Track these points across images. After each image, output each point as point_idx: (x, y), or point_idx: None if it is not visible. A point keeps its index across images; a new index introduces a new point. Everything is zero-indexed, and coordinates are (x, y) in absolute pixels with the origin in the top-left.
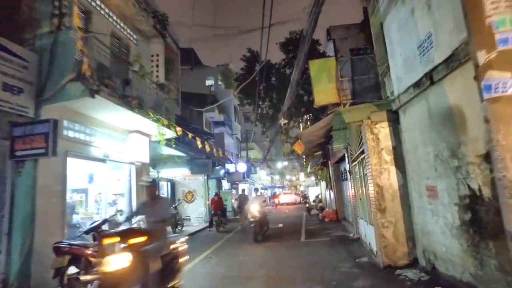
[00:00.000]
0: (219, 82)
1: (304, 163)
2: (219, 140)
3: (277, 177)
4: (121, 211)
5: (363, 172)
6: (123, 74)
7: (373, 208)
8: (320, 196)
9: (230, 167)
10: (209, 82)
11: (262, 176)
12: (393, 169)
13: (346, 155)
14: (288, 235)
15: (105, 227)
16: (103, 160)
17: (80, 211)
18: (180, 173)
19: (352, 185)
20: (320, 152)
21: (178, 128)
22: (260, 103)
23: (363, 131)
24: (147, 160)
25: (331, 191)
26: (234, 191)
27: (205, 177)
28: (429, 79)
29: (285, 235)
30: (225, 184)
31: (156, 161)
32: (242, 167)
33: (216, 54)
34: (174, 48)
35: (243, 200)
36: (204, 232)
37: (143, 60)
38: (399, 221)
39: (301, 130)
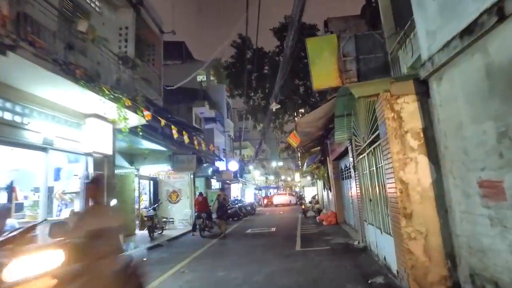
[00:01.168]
0: (211, 78)
1: (300, 162)
2: (208, 136)
3: (271, 177)
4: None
5: (375, 165)
6: (72, 41)
7: (393, 213)
8: (316, 197)
9: (221, 165)
10: (201, 77)
11: (256, 176)
12: (422, 159)
13: (349, 148)
14: (281, 241)
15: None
16: (43, 149)
17: (27, 214)
18: (162, 170)
19: (357, 183)
20: (318, 148)
21: (147, 113)
22: (252, 94)
23: (380, 110)
24: (109, 151)
25: (329, 191)
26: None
27: (191, 175)
28: (497, 14)
29: (278, 241)
30: (216, 184)
31: (134, 156)
32: (233, 165)
33: (208, 49)
34: (156, 31)
35: (222, 202)
36: (187, 236)
37: (104, 34)
38: (432, 231)
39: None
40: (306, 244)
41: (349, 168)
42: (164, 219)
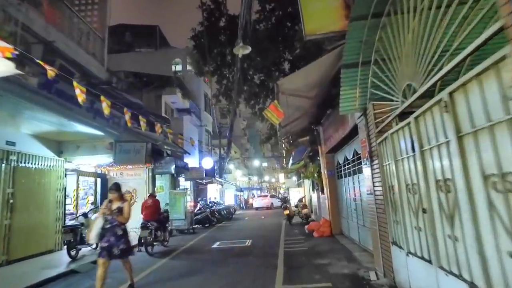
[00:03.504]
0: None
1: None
2: (177, 127)
3: (255, 178)
4: None
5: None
6: None
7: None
8: (304, 200)
9: (192, 161)
10: (177, 67)
11: (238, 176)
12: None
13: (361, 125)
14: (255, 268)
15: None
16: None
17: None
18: (102, 162)
19: (377, 179)
20: (307, 138)
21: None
22: (226, 72)
23: None
24: None
25: (320, 193)
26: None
27: (149, 172)
28: None
29: (250, 268)
30: (186, 184)
31: (63, 144)
32: (207, 162)
33: (186, 35)
34: None
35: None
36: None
37: None
38: None
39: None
40: (293, 275)
41: (350, 162)
42: None
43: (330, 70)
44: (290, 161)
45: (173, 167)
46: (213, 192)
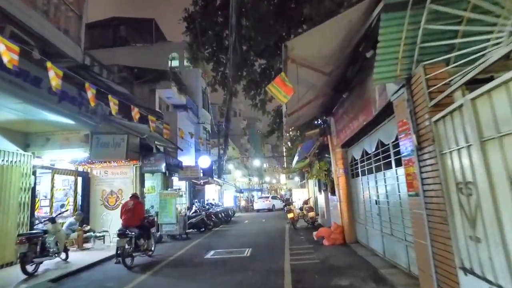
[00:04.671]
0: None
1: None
2: (170, 122)
3: (255, 179)
4: None
5: None
6: None
7: None
8: (310, 202)
9: (187, 160)
10: (174, 62)
11: (237, 177)
12: None
13: (405, 94)
14: None
15: None
16: None
17: None
18: (77, 158)
19: (427, 173)
20: (317, 131)
21: None
22: (223, 58)
23: None
24: None
25: (329, 194)
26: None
27: (136, 170)
28: None
29: None
30: (180, 184)
31: (29, 136)
32: (204, 161)
33: (183, 29)
34: None
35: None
36: (107, 265)
37: None
38: None
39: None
40: None
41: (371, 156)
42: (89, 233)
43: (353, 35)
44: (295, 159)
45: (163, 165)
46: (211, 193)
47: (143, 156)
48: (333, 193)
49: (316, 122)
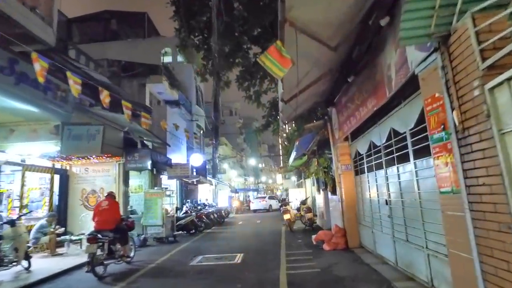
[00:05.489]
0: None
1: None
2: (159, 116)
3: (251, 178)
4: None
5: None
6: None
7: None
8: (307, 202)
9: (179, 158)
10: (167, 58)
11: (233, 176)
12: None
13: (438, 60)
14: None
15: None
16: None
17: None
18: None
19: (474, 162)
20: (320, 122)
21: None
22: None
23: None
24: None
25: (329, 193)
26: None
27: (119, 168)
28: None
29: None
30: (171, 183)
31: None
32: (196, 159)
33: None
34: None
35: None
36: (77, 274)
37: None
38: None
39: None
40: None
41: (381, 148)
42: (64, 236)
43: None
44: (292, 155)
45: (149, 161)
46: (205, 193)
47: (127, 152)
48: (333, 192)
49: (315, 115)
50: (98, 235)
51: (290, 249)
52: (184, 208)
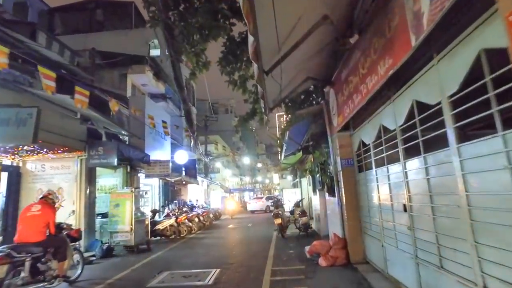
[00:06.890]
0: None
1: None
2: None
3: (247, 178)
4: None
5: None
6: None
7: None
8: (302, 204)
9: (160, 154)
10: (155, 52)
11: (227, 176)
12: None
13: None
14: None
15: None
16: None
17: None
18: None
19: None
20: (317, 106)
21: None
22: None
23: None
24: None
25: (327, 194)
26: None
27: (81, 164)
28: None
29: None
30: (153, 183)
31: None
32: (181, 156)
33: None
34: None
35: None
36: None
37: None
38: None
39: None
40: None
41: (395, 135)
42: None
43: None
44: (284, 149)
45: (115, 156)
46: (196, 193)
47: (90, 145)
48: (331, 193)
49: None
50: (12, 252)
51: (278, 263)
52: (166, 211)
